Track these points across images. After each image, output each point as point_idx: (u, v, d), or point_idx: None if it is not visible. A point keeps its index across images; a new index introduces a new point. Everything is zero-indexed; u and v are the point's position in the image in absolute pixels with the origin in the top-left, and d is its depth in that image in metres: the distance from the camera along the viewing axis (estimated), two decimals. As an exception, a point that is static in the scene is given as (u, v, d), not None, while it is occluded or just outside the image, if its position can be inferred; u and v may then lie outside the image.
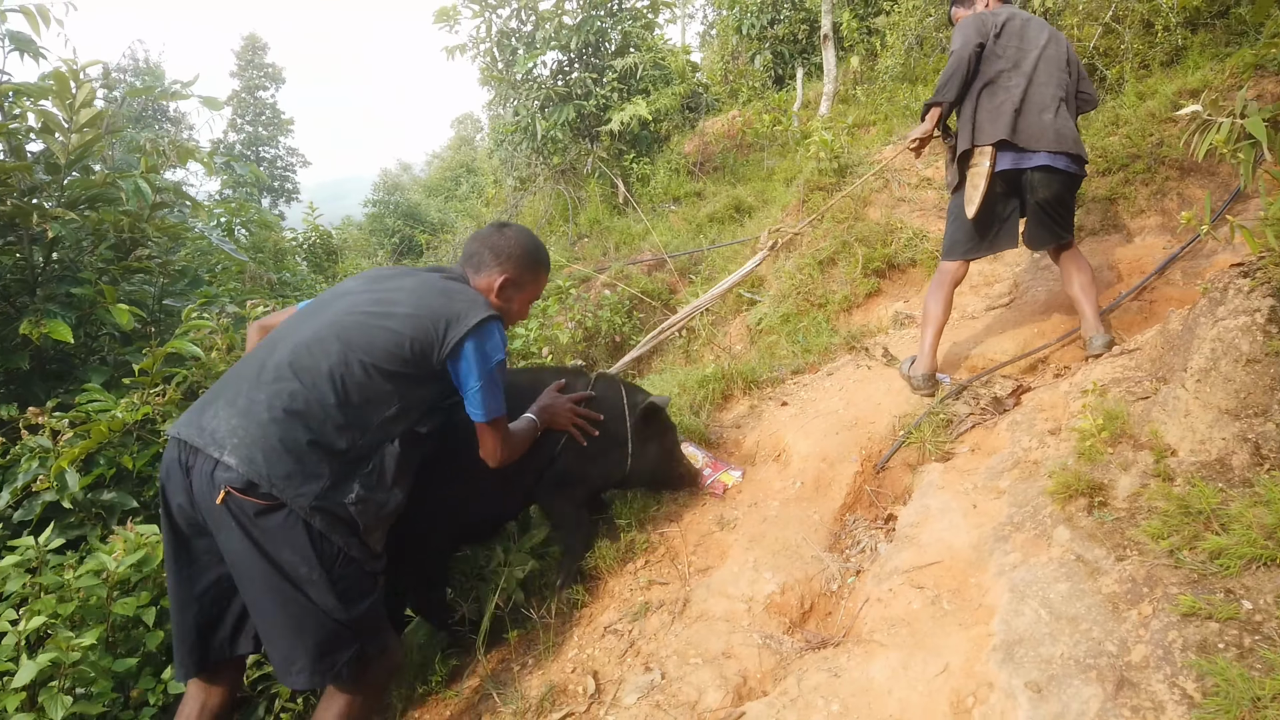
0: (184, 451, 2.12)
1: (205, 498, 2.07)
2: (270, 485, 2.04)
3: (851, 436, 3.60)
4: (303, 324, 2.35)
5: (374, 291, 2.44)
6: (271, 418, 2.11)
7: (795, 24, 12.68)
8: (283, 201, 29.88)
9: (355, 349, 2.24)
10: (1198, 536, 2.07)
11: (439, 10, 10.35)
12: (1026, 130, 3.56)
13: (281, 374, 2.18)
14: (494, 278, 2.59)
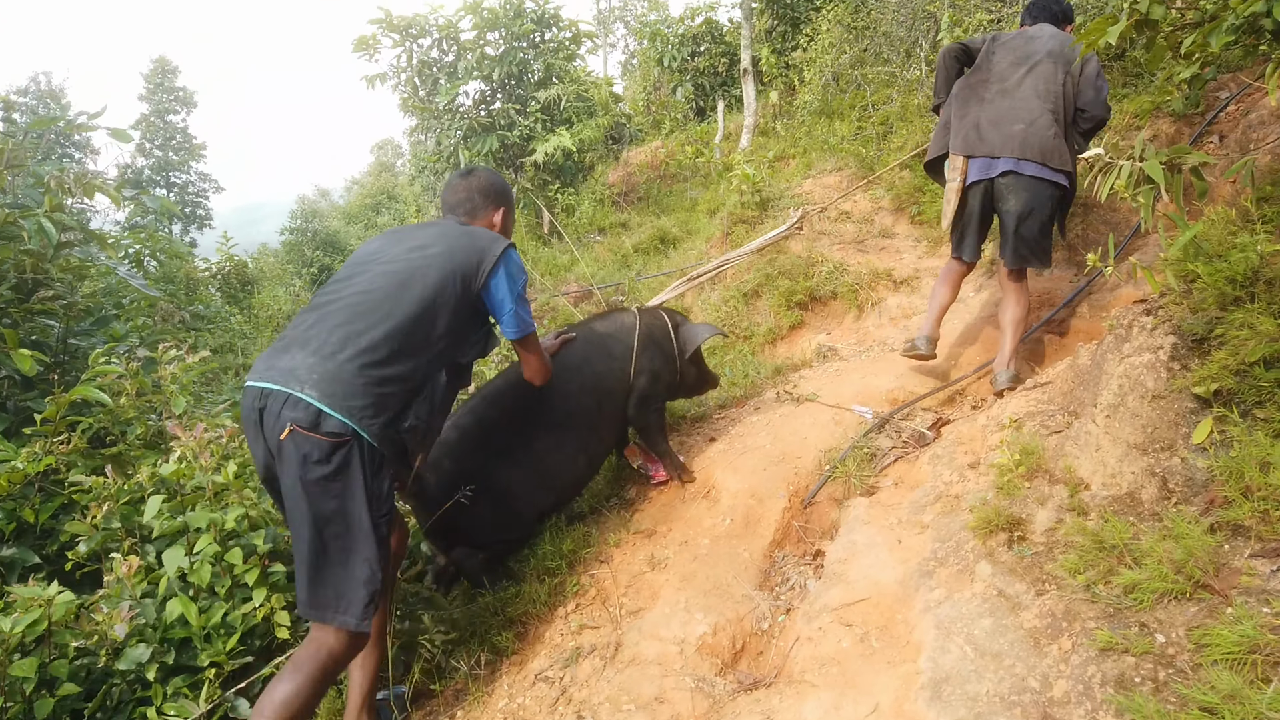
0: (259, 399, 2.28)
1: (274, 436, 2.23)
2: (348, 415, 2.23)
3: (779, 472, 3.64)
4: (354, 277, 2.58)
5: (406, 242, 2.69)
6: (346, 356, 2.31)
7: (715, 57, 12.92)
8: (195, 228, 28.99)
9: (408, 288, 2.50)
10: (1112, 571, 2.14)
11: (358, 39, 10.25)
12: (991, 140, 3.71)
13: (346, 318, 2.40)
14: (492, 214, 2.95)
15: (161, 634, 2.73)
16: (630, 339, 3.70)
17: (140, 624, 2.70)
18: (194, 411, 3.55)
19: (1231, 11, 2.27)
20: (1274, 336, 2.18)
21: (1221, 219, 2.83)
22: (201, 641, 2.73)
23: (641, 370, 3.67)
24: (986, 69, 3.93)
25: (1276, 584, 1.87)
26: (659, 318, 3.93)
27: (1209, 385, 2.30)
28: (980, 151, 3.76)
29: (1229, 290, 2.43)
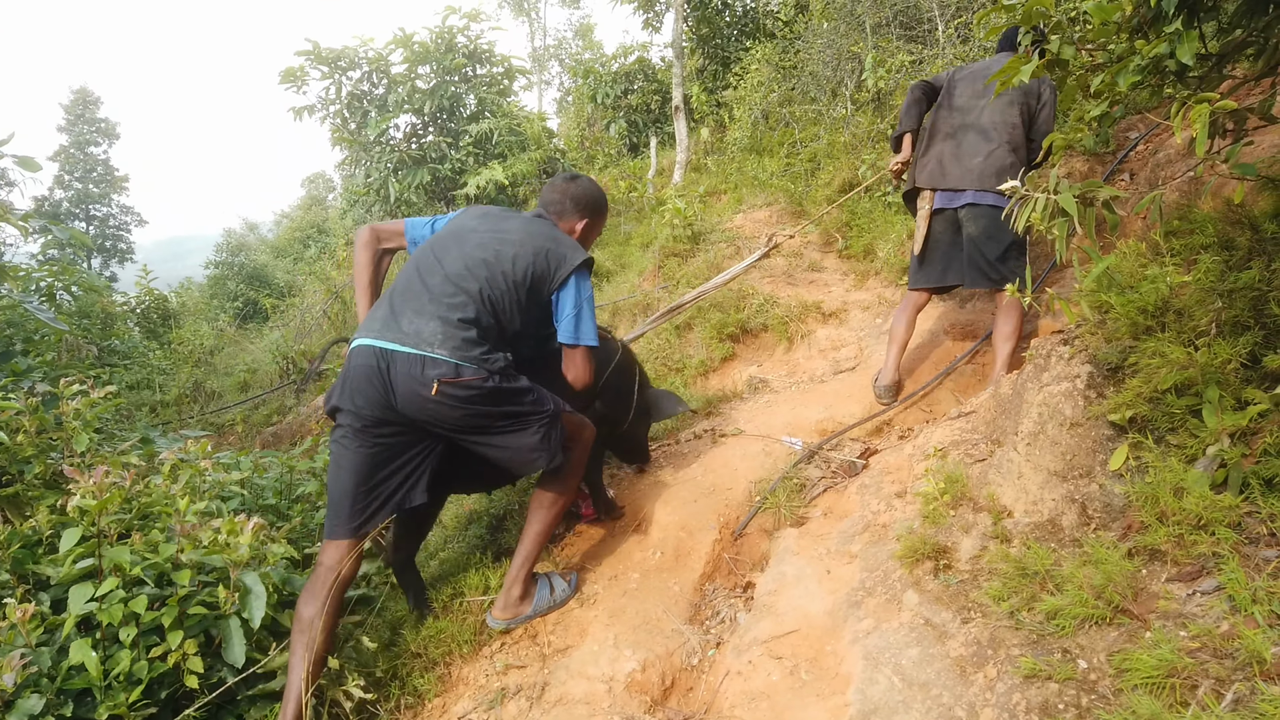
0: (382, 359, 2.61)
1: (412, 393, 2.59)
2: (477, 363, 2.63)
3: (710, 503, 3.61)
4: (450, 252, 2.85)
5: (495, 230, 2.92)
6: (458, 320, 2.66)
7: (648, 95, 13.07)
8: (115, 262, 28.14)
9: (495, 276, 2.77)
10: (1035, 597, 2.16)
11: (285, 71, 10.11)
12: (952, 173, 3.84)
13: (450, 291, 2.72)
14: (575, 222, 3.14)
15: (59, 684, 2.57)
16: (608, 360, 3.60)
17: (34, 674, 2.54)
18: (99, 449, 3.39)
19: (1137, 54, 2.35)
20: (1184, 364, 2.24)
21: (1133, 252, 2.92)
22: (102, 693, 2.57)
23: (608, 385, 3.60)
24: (949, 103, 4.08)
25: (1192, 607, 1.90)
26: (633, 361, 3.84)
27: (1124, 412, 2.35)
28: (943, 185, 3.91)
29: (1141, 320, 2.50)
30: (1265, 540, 1.95)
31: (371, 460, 2.72)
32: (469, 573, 3.36)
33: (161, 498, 3.09)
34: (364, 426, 2.69)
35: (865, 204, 6.91)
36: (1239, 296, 2.34)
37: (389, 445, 2.73)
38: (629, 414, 3.74)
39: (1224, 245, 2.65)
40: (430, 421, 2.68)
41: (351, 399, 2.68)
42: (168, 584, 2.80)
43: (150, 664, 2.63)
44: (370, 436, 2.70)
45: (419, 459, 2.82)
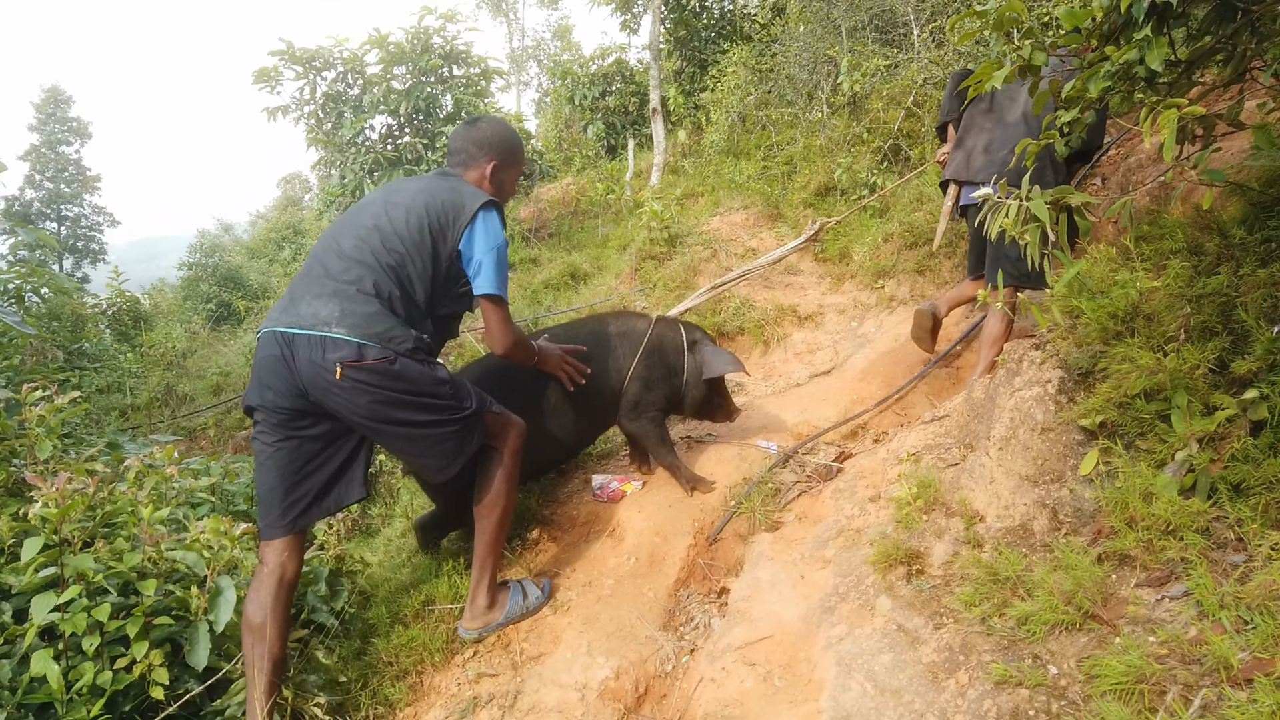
0: (285, 345, 2.53)
1: (317, 377, 2.50)
2: (380, 341, 2.53)
3: (685, 508, 3.60)
4: (345, 230, 2.77)
5: (394, 195, 2.84)
6: (358, 293, 2.58)
7: (626, 97, 13.05)
8: (87, 263, 27.78)
9: (390, 241, 2.70)
10: (1006, 603, 2.16)
11: (259, 71, 10.01)
12: (977, 166, 3.84)
13: (348, 267, 2.64)
14: (484, 167, 2.99)
15: (19, 698, 2.52)
16: (638, 343, 3.72)
17: (-8, 687, 2.48)
18: (64, 456, 3.33)
19: (1108, 60, 2.35)
20: (1153, 370, 2.25)
21: (1103, 257, 2.93)
22: (64, 705, 2.52)
23: (637, 376, 3.69)
24: (987, 96, 4.05)
25: (1161, 613, 1.91)
26: (674, 329, 3.90)
27: (1094, 418, 2.36)
28: (967, 177, 3.89)
29: (1111, 325, 2.51)
30: (1233, 545, 1.96)
31: (292, 455, 2.64)
32: (440, 580, 3.33)
33: (127, 505, 3.04)
34: (280, 421, 2.62)
35: (841, 207, 6.94)
36: (1207, 302, 2.35)
37: (310, 438, 2.66)
38: (682, 387, 3.82)
39: (1193, 251, 2.67)
40: (341, 410, 2.57)
41: (261, 393, 2.60)
42: (133, 593, 2.76)
43: (114, 675, 2.59)
44: (287, 430, 2.63)
45: (347, 452, 2.75)
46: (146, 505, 2.90)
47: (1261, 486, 1.95)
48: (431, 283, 2.74)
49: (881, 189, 6.66)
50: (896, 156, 7.06)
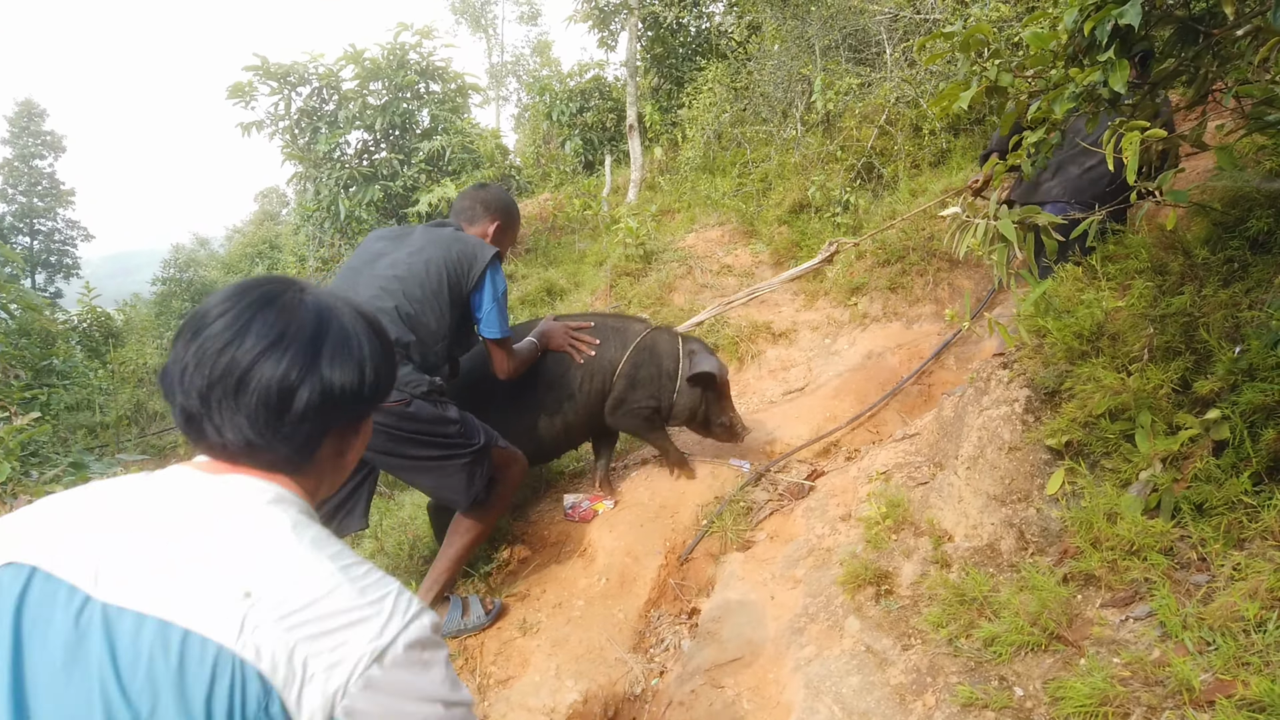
0: None
1: None
2: (398, 387, 2.63)
3: (656, 528, 3.58)
4: (363, 279, 2.87)
5: (402, 247, 2.96)
6: None
7: (603, 113, 13.08)
8: (60, 278, 27.47)
9: (411, 290, 2.82)
10: (973, 624, 2.16)
11: (233, 86, 9.95)
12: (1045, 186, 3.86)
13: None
14: (487, 225, 3.17)
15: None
16: (629, 341, 3.79)
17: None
18: (23, 478, 3.27)
19: (1072, 81, 2.38)
20: (1117, 390, 2.26)
21: (1070, 276, 2.96)
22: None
23: (623, 375, 3.74)
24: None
25: (1125, 634, 1.91)
26: (669, 336, 3.97)
27: (1060, 437, 2.37)
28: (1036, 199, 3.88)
29: (1076, 345, 2.52)
30: (1196, 565, 1.96)
31: None
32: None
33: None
34: None
35: (815, 224, 6.96)
36: (1170, 322, 2.37)
37: None
38: (674, 393, 3.85)
39: (1157, 270, 2.69)
40: None
41: None
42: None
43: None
44: None
45: (353, 485, 2.91)
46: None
47: (1224, 506, 1.96)
48: (449, 328, 2.91)
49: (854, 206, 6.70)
50: (870, 174, 7.11)
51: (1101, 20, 2.16)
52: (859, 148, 7.13)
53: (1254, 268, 2.40)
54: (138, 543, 0.92)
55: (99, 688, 0.84)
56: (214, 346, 0.98)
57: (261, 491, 0.99)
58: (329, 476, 1.12)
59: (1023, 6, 6.51)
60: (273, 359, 0.98)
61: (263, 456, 1.01)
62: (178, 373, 0.99)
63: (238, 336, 0.98)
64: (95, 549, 0.92)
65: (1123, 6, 2.10)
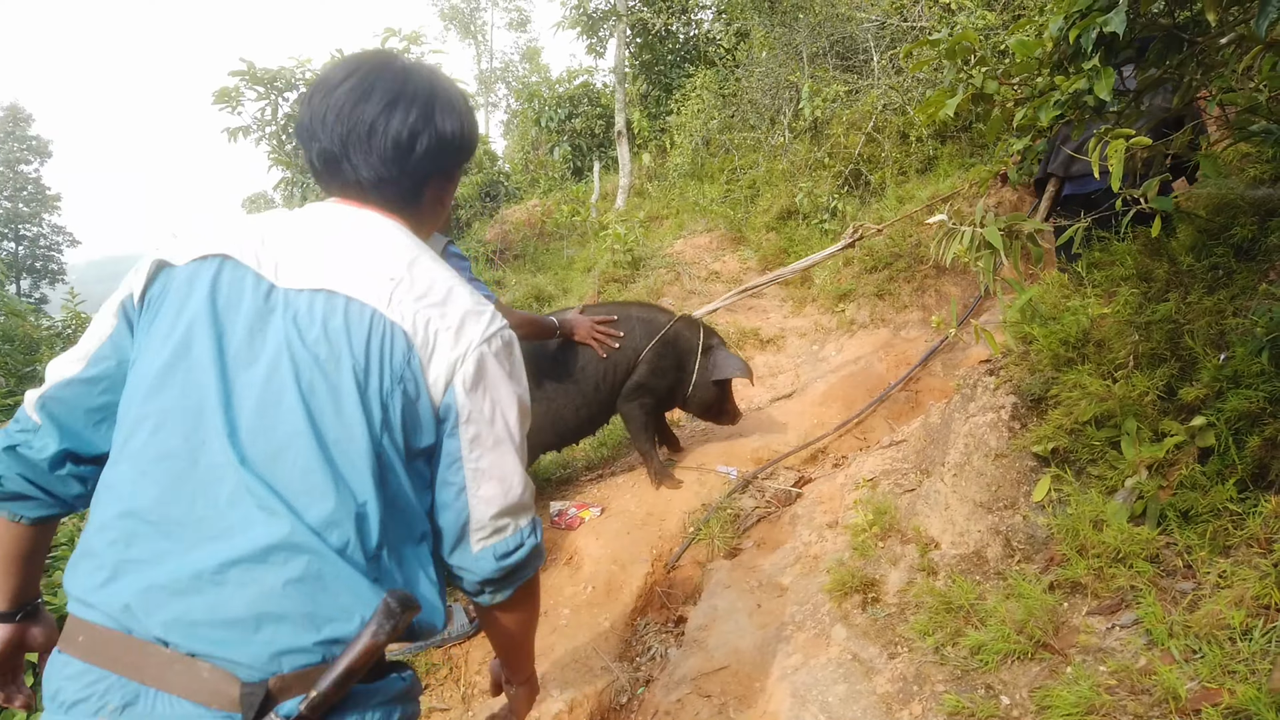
0: None
1: None
2: None
3: (643, 535, 3.56)
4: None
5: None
6: None
7: (592, 119, 13.09)
8: (45, 283, 27.29)
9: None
10: (959, 632, 2.15)
11: (219, 91, 9.89)
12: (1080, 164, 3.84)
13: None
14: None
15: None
16: (654, 330, 3.89)
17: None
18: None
19: (1058, 89, 2.38)
20: (1103, 397, 2.26)
21: (1055, 283, 2.96)
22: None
23: (645, 360, 3.84)
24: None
25: (1112, 641, 1.90)
26: (693, 328, 4.08)
27: (1046, 444, 2.36)
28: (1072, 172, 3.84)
29: (1062, 352, 2.52)
30: (1181, 573, 1.96)
31: None
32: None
33: (64, 537, 2.96)
34: None
35: (803, 231, 6.97)
36: (1156, 329, 2.37)
37: None
38: (687, 380, 3.99)
39: (1142, 277, 2.69)
40: None
41: None
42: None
43: None
44: None
45: None
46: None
47: (1209, 514, 1.96)
48: None
49: (840, 213, 6.71)
50: (857, 181, 7.12)
51: (1086, 28, 2.17)
52: (846, 155, 7.15)
53: (1238, 274, 2.41)
54: (304, 245, 1.19)
55: (285, 341, 1.11)
56: (348, 102, 1.22)
57: (389, 222, 1.26)
58: (429, 220, 1.37)
59: (1009, 15, 6.54)
60: (400, 111, 1.23)
61: (389, 192, 1.27)
62: (318, 123, 1.23)
63: (365, 95, 1.22)
64: (272, 248, 1.18)
65: (1107, 14, 2.11)
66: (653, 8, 11.58)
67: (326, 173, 1.27)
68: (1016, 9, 6.56)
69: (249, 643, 1.00)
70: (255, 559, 1.02)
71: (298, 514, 1.04)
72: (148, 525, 1.05)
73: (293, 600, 1.02)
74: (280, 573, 1.02)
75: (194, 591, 1.01)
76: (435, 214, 1.38)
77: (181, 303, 1.14)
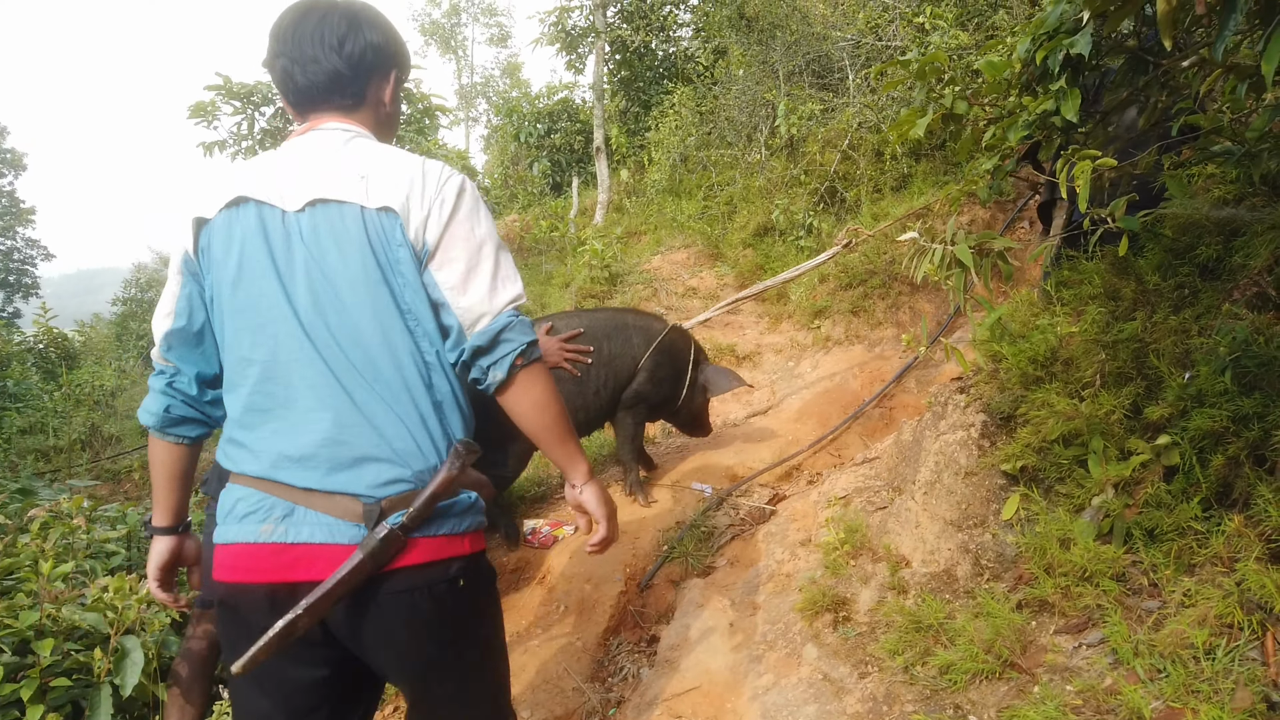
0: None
1: None
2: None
3: (616, 553, 3.54)
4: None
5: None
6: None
7: (571, 135, 13.11)
8: (19, 297, 26.96)
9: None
10: (929, 651, 2.14)
11: (194, 105, 9.81)
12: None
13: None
14: None
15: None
16: (651, 339, 3.95)
17: None
18: (-39, 505, 3.17)
19: (1026, 110, 2.40)
20: (1070, 415, 2.27)
21: (1025, 301, 2.98)
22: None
23: (644, 369, 3.89)
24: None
25: (1078, 660, 1.90)
26: (687, 340, 4.17)
27: (1015, 463, 2.37)
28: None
29: (1031, 370, 2.53)
30: (1147, 591, 1.96)
31: None
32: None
33: (28, 558, 2.90)
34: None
35: (779, 247, 7.00)
36: (1122, 348, 2.39)
37: None
38: (681, 391, 4.04)
39: (1110, 296, 2.71)
40: None
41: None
42: (30, 653, 2.61)
43: (4, 742, 2.45)
44: None
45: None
46: (48, 559, 2.76)
47: (1174, 532, 1.97)
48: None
49: (817, 230, 6.75)
50: (833, 198, 7.16)
51: (1053, 50, 2.19)
52: (822, 172, 7.20)
53: (1203, 294, 2.43)
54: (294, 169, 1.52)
55: (306, 251, 1.47)
56: (289, 29, 1.56)
57: (349, 128, 1.58)
58: (383, 121, 1.68)
59: (981, 34, 6.62)
60: (329, 25, 1.56)
61: (335, 95, 1.59)
62: (274, 53, 1.58)
63: (301, 20, 1.56)
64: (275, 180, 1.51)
65: (1074, 36, 2.13)
66: (632, 25, 11.64)
67: (289, 91, 1.60)
68: (989, 29, 6.63)
69: (363, 479, 1.44)
70: (354, 422, 1.45)
71: (370, 384, 1.46)
72: (260, 413, 1.48)
73: (388, 447, 1.45)
74: (374, 428, 1.45)
75: (317, 451, 1.44)
76: (384, 115, 1.68)
77: (226, 243, 1.50)
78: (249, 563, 1.46)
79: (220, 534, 1.50)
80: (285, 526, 1.44)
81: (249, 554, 1.47)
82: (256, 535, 1.45)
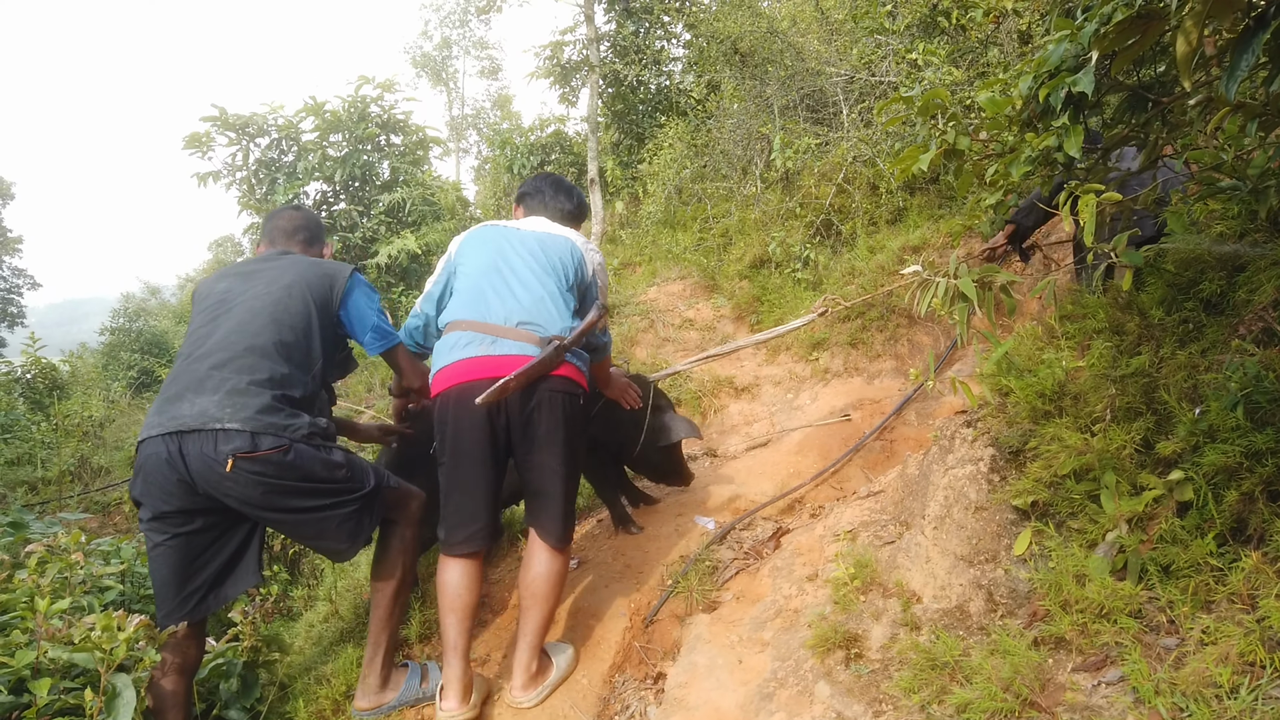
0: (171, 443, 2.45)
1: (209, 471, 2.44)
2: (275, 432, 2.50)
3: (621, 588, 3.51)
4: (218, 326, 2.70)
5: (258, 279, 2.82)
6: (247, 387, 2.53)
7: (564, 167, 13.18)
8: (5, 327, 26.82)
9: (281, 318, 2.70)
10: (945, 689, 2.12)
11: (190, 136, 9.88)
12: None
13: (234, 356, 2.59)
14: (327, 247, 3.30)
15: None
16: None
17: None
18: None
19: (1028, 145, 2.43)
20: (1081, 450, 2.28)
21: (1029, 335, 2.99)
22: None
23: (599, 416, 3.75)
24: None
25: (1098, 699, 1.89)
26: (645, 387, 4.06)
27: (1026, 498, 2.37)
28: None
29: (1039, 404, 2.54)
30: (1165, 629, 1.96)
31: (183, 550, 2.57)
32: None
33: (25, 594, 2.86)
34: (169, 520, 2.54)
35: (776, 279, 7.03)
36: (1130, 382, 2.40)
37: (199, 532, 2.58)
38: (638, 438, 3.97)
39: (1115, 330, 2.73)
40: (233, 501, 2.52)
41: (147, 492, 2.53)
42: (26, 692, 2.56)
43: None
44: (175, 528, 2.55)
45: (238, 541, 2.69)
46: (45, 596, 2.71)
47: (1190, 568, 1.97)
48: (321, 352, 2.79)
49: (814, 261, 6.79)
50: (828, 231, 7.21)
51: (1056, 87, 2.22)
52: (818, 205, 7.25)
53: (1208, 329, 2.45)
54: (524, 220, 3.27)
55: (525, 249, 3.03)
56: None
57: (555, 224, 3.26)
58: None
59: (974, 71, 6.71)
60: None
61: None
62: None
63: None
64: (510, 222, 3.19)
65: (1076, 74, 2.16)
66: (625, 59, 11.75)
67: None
68: (982, 66, 6.73)
69: (539, 328, 2.79)
70: (534, 304, 2.84)
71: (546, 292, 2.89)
72: (481, 303, 2.86)
73: (550, 318, 2.84)
74: (545, 311, 2.84)
75: (511, 316, 2.80)
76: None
77: (477, 246, 3.01)
78: (473, 368, 2.70)
79: (448, 357, 2.76)
80: (493, 348, 2.72)
81: (473, 363, 2.71)
82: (476, 352, 2.72)
